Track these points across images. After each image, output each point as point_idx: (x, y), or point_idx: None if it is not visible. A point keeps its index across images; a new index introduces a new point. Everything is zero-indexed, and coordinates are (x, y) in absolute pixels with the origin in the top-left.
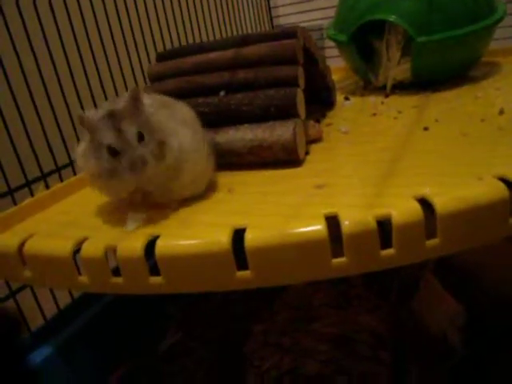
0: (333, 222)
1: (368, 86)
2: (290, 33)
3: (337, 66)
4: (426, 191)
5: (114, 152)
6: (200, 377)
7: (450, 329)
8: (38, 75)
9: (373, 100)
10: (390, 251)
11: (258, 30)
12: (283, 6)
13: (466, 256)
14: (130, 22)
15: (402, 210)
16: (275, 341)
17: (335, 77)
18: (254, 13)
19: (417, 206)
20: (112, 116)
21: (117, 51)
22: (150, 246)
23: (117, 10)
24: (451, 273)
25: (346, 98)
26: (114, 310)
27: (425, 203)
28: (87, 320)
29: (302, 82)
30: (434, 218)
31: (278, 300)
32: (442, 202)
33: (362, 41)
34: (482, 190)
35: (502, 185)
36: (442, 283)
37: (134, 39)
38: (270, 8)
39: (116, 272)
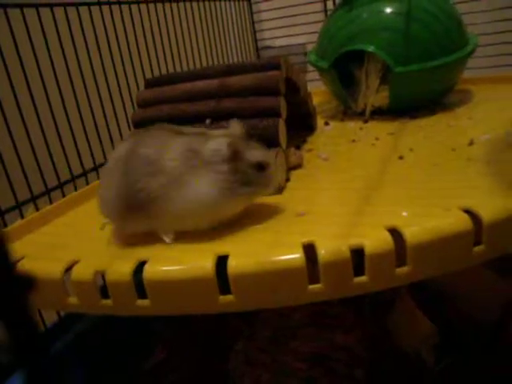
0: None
1: (348, 110)
2: (274, 64)
3: (319, 89)
4: (397, 222)
5: (262, 166)
6: None
7: (424, 348)
8: (31, 101)
9: (352, 125)
10: (363, 278)
11: (243, 51)
12: (269, 29)
13: (439, 276)
14: (119, 49)
15: (374, 240)
16: (255, 358)
17: (317, 99)
18: (239, 35)
19: (388, 237)
20: (242, 138)
21: (107, 78)
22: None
23: (107, 39)
24: (425, 292)
25: (326, 123)
26: (101, 327)
27: (396, 233)
28: (73, 337)
29: (283, 112)
30: (404, 247)
31: (259, 319)
32: (412, 233)
33: (343, 67)
34: (449, 221)
35: (466, 217)
36: (417, 302)
37: (124, 66)
38: (255, 31)
39: (104, 292)
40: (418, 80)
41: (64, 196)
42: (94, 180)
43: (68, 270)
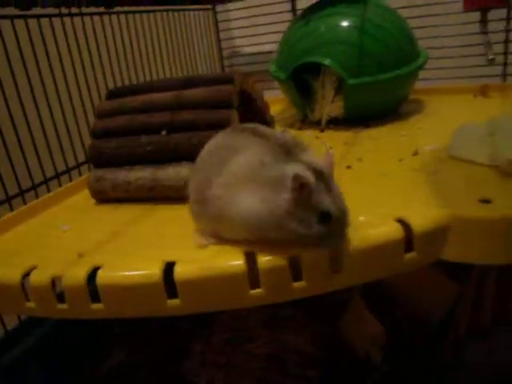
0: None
1: (305, 119)
2: (228, 78)
3: (280, 96)
4: None
5: (327, 218)
6: None
7: (373, 348)
8: None
9: (308, 134)
10: (301, 284)
11: (208, 61)
12: (238, 37)
13: (391, 279)
14: (81, 60)
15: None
16: (212, 360)
17: (279, 107)
18: (204, 45)
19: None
20: (322, 177)
21: (69, 89)
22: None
23: (69, 50)
24: (376, 294)
25: (284, 126)
26: (61, 331)
27: None
28: (34, 341)
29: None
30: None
31: (216, 322)
32: (348, 243)
33: (300, 78)
34: (381, 230)
35: (398, 226)
36: (367, 304)
37: (86, 77)
38: (219, 40)
39: (61, 298)
40: (370, 91)
41: (25, 203)
42: (55, 188)
43: (26, 275)
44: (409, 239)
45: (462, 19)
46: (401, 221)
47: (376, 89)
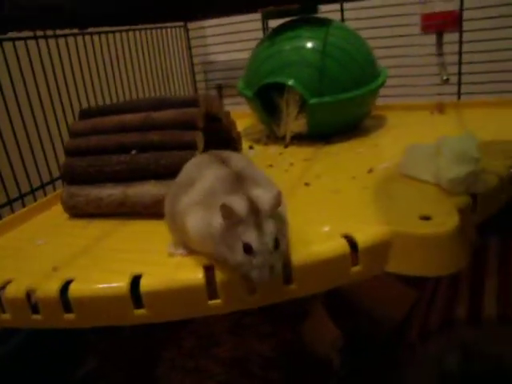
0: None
1: (271, 135)
2: (194, 101)
3: (250, 111)
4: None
5: (249, 250)
6: None
7: (332, 351)
8: None
9: (273, 150)
10: (256, 296)
11: (180, 76)
12: (212, 45)
13: (351, 287)
14: (55, 79)
15: None
16: (181, 364)
17: (248, 121)
18: (175, 61)
19: None
20: (257, 212)
21: (43, 107)
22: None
23: (43, 70)
24: (337, 301)
25: (251, 147)
26: (35, 338)
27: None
28: (8, 350)
29: (200, 145)
30: (290, 269)
31: (185, 329)
32: (297, 257)
33: (267, 96)
34: (329, 246)
35: (345, 242)
36: (328, 311)
37: (60, 96)
38: (191, 56)
39: (35, 309)
40: (331, 110)
41: (0, 218)
42: (30, 202)
43: (1, 288)
44: (355, 254)
45: (420, 41)
46: (347, 237)
47: (336, 108)
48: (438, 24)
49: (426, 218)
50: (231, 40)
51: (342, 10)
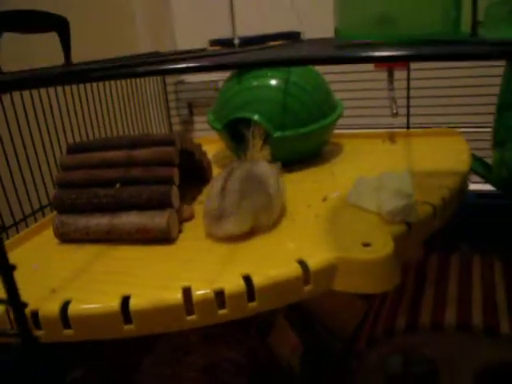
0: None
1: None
2: (170, 140)
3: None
4: (250, 270)
5: None
6: None
7: (292, 357)
8: None
9: None
10: (224, 311)
11: (153, 87)
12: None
13: (310, 302)
14: (45, 119)
15: (232, 284)
16: (158, 372)
17: (218, 147)
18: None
19: (241, 282)
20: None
21: (34, 143)
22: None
23: (35, 111)
24: (298, 313)
25: (221, 167)
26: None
27: (248, 279)
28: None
29: (176, 179)
30: (253, 289)
31: (162, 339)
32: (259, 280)
33: (235, 127)
34: (285, 270)
35: (297, 266)
36: (290, 321)
37: (49, 133)
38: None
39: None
40: (292, 142)
41: None
42: (23, 228)
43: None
44: (307, 276)
45: (373, 77)
46: (301, 261)
47: (297, 140)
48: (390, 63)
49: (367, 245)
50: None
51: None
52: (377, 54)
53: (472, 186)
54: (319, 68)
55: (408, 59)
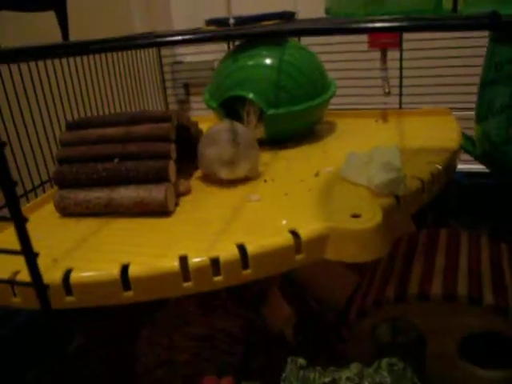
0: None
1: None
2: (167, 117)
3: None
4: (244, 239)
5: None
6: (100, 371)
7: (286, 327)
8: None
9: None
10: (219, 278)
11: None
12: (174, 48)
13: (301, 271)
14: (44, 95)
15: (227, 252)
16: (156, 341)
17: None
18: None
19: (236, 251)
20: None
21: (34, 120)
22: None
23: (33, 87)
24: (291, 284)
25: None
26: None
27: (242, 247)
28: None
29: (173, 155)
30: (247, 257)
31: (160, 311)
32: (252, 248)
33: (230, 104)
34: (278, 239)
35: (290, 236)
36: (283, 292)
37: (47, 108)
38: (160, 57)
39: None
40: (286, 120)
41: None
42: (24, 203)
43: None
44: (299, 245)
45: (367, 56)
46: (293, 231)
47: (291, 118)
48: (383, 43)
49: (356, 216)
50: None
51: None
52: (377, 24)
53: (462, 166)
54: (313, 48)
55: (403, 30)
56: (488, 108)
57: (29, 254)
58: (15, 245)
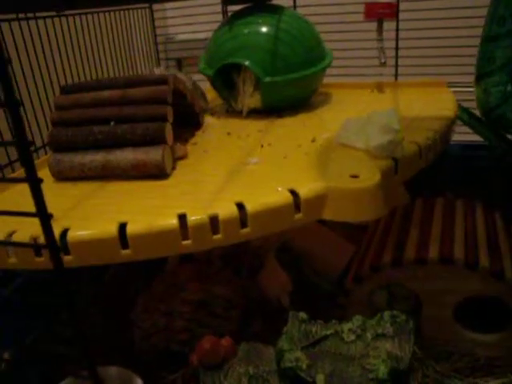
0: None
1: (229, 109)
2: (164, 79)
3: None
4: (243, 198)
5: None
6: (99, 336)
7: (282, 294)
8: None
9: (231, 122)
10: (218, 236)
11: (144, 46)
12: (173, 26)
13: (298, 241)
14: (37, 58)
15: (226, 210)
16: (153, 307)
17: (208, 96)
18: (141, 41)
19: (235, 208)
20: None
21: (27, 84)
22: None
23: (26, 50)
24: (288, 253)
25: (212, 114)
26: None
27: (241, 206)
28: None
29: (170, 117)
30: (246, 215)
31: (156, 278)
32: (251, 206)
33: (226, 73)
34: (277, 198)
35: (289, 194)
36: (280, 262)
37: (41, 74)
38: (156, 36)
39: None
40: (282, 88)
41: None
42: (18, 168)
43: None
44: (297, 204)
45: (363, 27)
46: (292, 191)
47: (287, 86)
48: (379, 13)
49: (355, 176)
50: (191, 21)
51: None
52: None
53: (457, 137)
54: (310, 18)
55: None
56: (488, 64)
57: (44, 216)
58: (13, 206)
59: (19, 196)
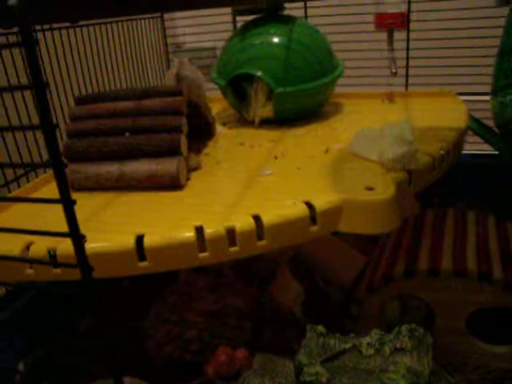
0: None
1: (241, 119)
2: (178, 91)
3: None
4: (259, 210)
5: None
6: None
7: (295, 305)
8: None
9: (243, 132)
10: (235, 248)
11: (155, 54)
12: (183, 35)
13: (310, 251)
14: (52, 69)
15: (242, 223)
16: (166, 317)
17: (219, 106)
18: (152, 50)
19: (251, 221)
20: None
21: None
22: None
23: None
24: (300, 264)
25: (224, 124)
26: (40, 300)
27: (257, 218)
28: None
29: (185, 128)
30: (263, 228)
31: (168, 288)
32: (268, 218)
33: (238, 83)
34: (293, 210)
35: (304, 207)
36: (293, 272)
37: (55, 84)
38: (167, 45)
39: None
40: (294, 98)
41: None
42: (33, 178)
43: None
44: (313, 216)
45: (373, 37)
46: (308, 203)
47: (299, 96)
48: (389, 23)
49: (370, 189)
50: (200, 31)
51: (305, 8)
52: None
53: (468, 147)
54: (321, 28)
55: None
56: (505, 78)
57: (76, 236)
58: (30, 217)
59: (34, 206)
